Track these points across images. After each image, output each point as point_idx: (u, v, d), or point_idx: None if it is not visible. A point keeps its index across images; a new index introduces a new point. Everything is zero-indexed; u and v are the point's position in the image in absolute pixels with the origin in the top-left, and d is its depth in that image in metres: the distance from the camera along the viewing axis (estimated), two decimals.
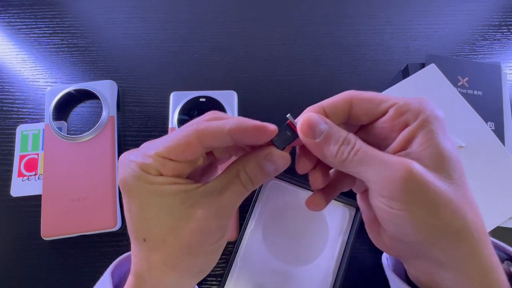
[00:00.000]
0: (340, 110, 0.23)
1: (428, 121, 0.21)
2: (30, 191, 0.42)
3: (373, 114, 0.22)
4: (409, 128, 0.21)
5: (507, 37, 0.49)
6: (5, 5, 0.51)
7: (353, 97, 0.23)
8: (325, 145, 0.22)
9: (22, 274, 0.40)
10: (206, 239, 0.22)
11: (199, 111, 0.42)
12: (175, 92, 0.43)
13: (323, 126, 0.22)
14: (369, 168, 0.21)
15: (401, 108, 0.21)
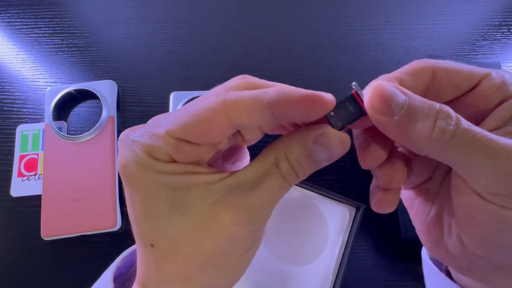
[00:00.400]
0: (420, 82, 0.17)
1: None
2: (30, 191, 0.42)
3: (462, 87, 0.17)
4: (508, 103, 0.16)
5: (507, 37, 0.49)
6: (5, 5, 0.51)
7: (435, 66, 0.17)
8: (410, 123, 0.15)
9: (22, 274, 0.40)
10: (234, 249, 0.17)
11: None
12: (175, 92, 0.43)
13: (401, 97, 0.16)
14: (481, 157, 0.15)
15: (496, 79, 0.17)
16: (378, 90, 0.16)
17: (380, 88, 0.16)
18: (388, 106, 0.16)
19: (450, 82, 0.17)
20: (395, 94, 0.16)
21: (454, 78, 0.17)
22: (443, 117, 0.15)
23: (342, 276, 0.37)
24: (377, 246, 0.40)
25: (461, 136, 0.15)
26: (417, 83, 0.17)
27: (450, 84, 0.17)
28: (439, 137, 0.15)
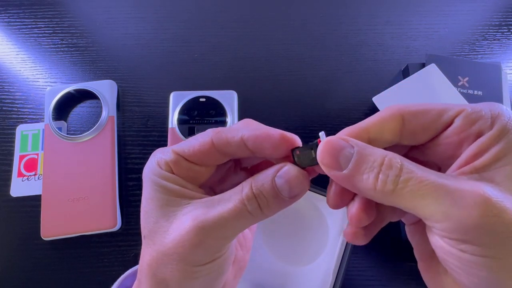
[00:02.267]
0: (389, 130, 0.18)
1: (508, 129, 0.16)
2: (30, 191, 0.42)
3: (434, 128, 0.17)
4: (482, 139, 0.16)
5: (507, 37, 0.49)
6: (5, 5, 0.51)
7: (403, 111, 0.17)
8: (357, 176, 0.16)
9: (22, 274, 0.40)
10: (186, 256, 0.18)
11: (199, 111, 0.42)
12: (175, 92, 0.43)
13: (349, 150, 0.17)
14: (428, 204, 0.15)
15: (472, 115, 0.16)
16: (326, 145, 0.17)
17: (328, 144, 0.17)
18: (336, 161, 0.17)
19: (420, 125, 0.17)
20: (343, 147, 0.17)
21: (422, 121, 0.17)
22: (385, 169, 0.16)
23: (342, 276, 0.37)
24: (377, 246, 0.40)
25: (403, 186, 0.15)
26: (384, 133, 0.18)
27: (422, 127, 0.17)
28: (382, 188, 0.16)
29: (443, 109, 0.17)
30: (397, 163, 0.16)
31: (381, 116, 0.18)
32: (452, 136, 0.17)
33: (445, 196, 0.15)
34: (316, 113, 0.45)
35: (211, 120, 0.41)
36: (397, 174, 0.15)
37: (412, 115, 0.17)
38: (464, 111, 0.17)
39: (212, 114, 0.41)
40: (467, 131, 0.16)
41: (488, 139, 0.16)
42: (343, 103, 0.46)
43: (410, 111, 0.17)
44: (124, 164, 0.43)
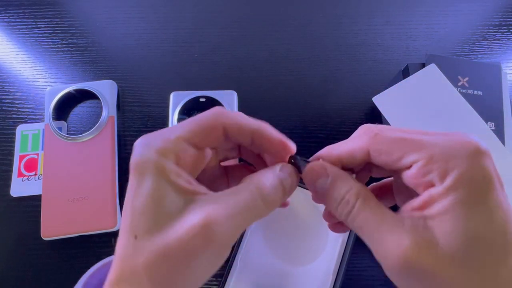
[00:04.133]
0: (358, 160, 0.20)
1: (457, 185, 0.16)
2: (30, 191, 0.42)
3: (394, 168, 0.19)
4: (430, 191, 0.17)
5: (507, 37, 0.49)
6: (5, 5, 0.51)
7: (370, 146, 0.20)
8: (325, 199, 0.20)
9: (22, 274, 0.40)
10: (201, 255, 0.17)
11: (199, 111, 0.42)
12: (175, 92, 0.43)
13: (325, 180, 0.20)
14: (368, 241, 0.18)
15: (425, 167, 0.17)
16: (309, 169, 0.21)
17: (310, 169, 0.21)
18: (314, 184, 0.21)
19: (382, 163, 0.19)
20: (320, 176, 0.20)
21: (385, 160, 0.19)
22: (343, 204, 0.19)
23: (342, 276, 0.37)
24: None
25: (352, 220, 0.19)
26: (354, 162, 0.21)
27: (383, 164, 0.20)
28: (339, 216, 0.20)
29: (405, 152, 0.18)
30: (352, 202, 0.19)
31: (352, 147, 0.21)
32: (410, 179, 0.19)
33: (376, 239, 0.18)
34: (316, 113, 0.45)
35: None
36: (349, 210, 0.19)
37: (377, 152, 0.19)
38: (420, 161, 0.18)
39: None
40: (420, 179, 0.18)
41: (436, 192, 0.17)
42: (343, 103, 0.46)
43: (375, 148, 0.19)
44: (124, 164, 0.43)
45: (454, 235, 0.16)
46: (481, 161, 0.17)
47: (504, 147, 0.36)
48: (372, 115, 0.45)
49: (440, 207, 0.17)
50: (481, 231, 0.16)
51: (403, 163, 0.18)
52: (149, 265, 0.17)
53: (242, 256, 0.38)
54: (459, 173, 0.16)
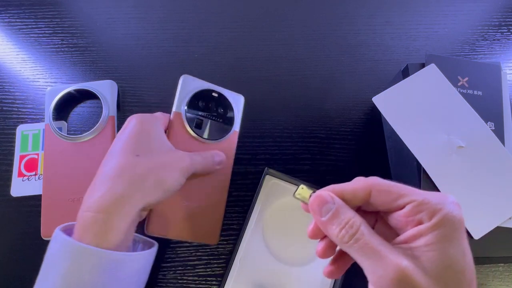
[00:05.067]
0: (359, 197, 0.24)
1: (441, 224, 0.21)
2: (30, 191, 0.42)
3: (390, 207, 0.23)
4: (420, 227, 0.21)
5: (507, 37, 0.49)
6: (5, 5, 0.51)
7: (372, 186, 0.23)
8: (329, 224, 0.23)
9: (22, 274, 0.40)
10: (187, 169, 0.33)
11: (210, 105, 0.39)
12: (186, 76, 0.39)
13: (331, 205, 0.23)
14: (366, 260, 0.21)
15: (418, 207, 0.22)
16: (317, 196, 0.24)
17: (318, 196, 0.24)
18: (320, 209, 0.24)
19: (380, 201, 0.23)
20: (327, 202, 0.23)
21: (384, 199, 0.23)
22: (347, 226, 0.22)
23: (342, 276, 0.37)
24: None
25: (354, 242, 0.22)
26: (355, 199, 0.24)
27: (381, 203, 0.23)
28: (342, 238, 0.22)
29: (401, 194, 0.22)
30: (356, 226, 0.22)
31: (356, 185, 0.24)
32: (401, 217, 0.23)
33: (377, 258, 0.21)
34: (316, 113, 0.45)
35: (218, 119, 0.39)
36: (353, 233, 0.22)
37: (377, 192, 0.23)
38: (414, 202, 0.22)
39: (221, 112, 0.40)
40: (412, 217, 0.22)
41: (424, 227, 0.21)
42: (343, 103, 0.46)
43: (377, 188, 0.23)
44: None
45: (438, 263, 0.20)
46: (458, 208, 0.22)
47: (504, 147, 0.36)
48: (372, 115, 0.45)
49: (427, 240, 0.21)
50: (457, 261, 0.21)
51: (399, 203, 0.22)
52: (151, 169, 0.30)
53: (242, 256, 0.38)
54: (443, 214, 0.21)
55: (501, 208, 0.34)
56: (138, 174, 0.29)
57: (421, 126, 0.36)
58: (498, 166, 0.35)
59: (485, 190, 0.34)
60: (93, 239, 0.27)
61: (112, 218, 0.28)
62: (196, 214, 0.37)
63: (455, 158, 0.35)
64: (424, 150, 0.35)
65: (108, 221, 0.27)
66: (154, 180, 0.29)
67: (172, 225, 0.36)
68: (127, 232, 0.28)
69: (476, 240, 0.33)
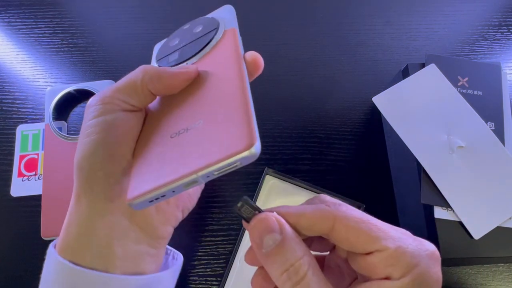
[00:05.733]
0: (317, 229, 0.19)
1: (412, 285, 0.17)
2: (30, 191, 0.42)
3: (355, 249, 0.19)
4: (386, 283, 0.18)
5: (507, 37, 0.49)
6: (5, 5, 0.51)
7: (337, 219, 0.19)
8: (270, 261, 0.18)
9: (22, 274, 0.40)
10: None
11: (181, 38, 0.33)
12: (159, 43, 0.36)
13: (276, 236, 0.18)
14: None
15: (388, 258, 0.18)
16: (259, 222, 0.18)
17: (260, 222, 0.18)
18: (261, 240, 0.18)
19: (346, 240, 0.18)
20: (272, 231, 0.18)
21: (350, 238, 0.18)
22: (292, 271, 0.17)
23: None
24: None
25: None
26: (311, 229, 0.19)
27: (347, 242, 0.18)
28: (282, 284, 0.17)
29: (372, 238, 0.18)
30: (303, 272, 0.17)
31: (316, 214, 0.19)
32: (369, 264, 0.18)
33: None
34: (316, 113, 0.45)
35: (194, 39, 0.30)
36: (297, 280, 0.17)
37: (343, 227, 0.18)
38: (386, 250, 0.18)
39: (197, 32, 0.31)
40: (380, 269, 0.18)
41: (391, 285, 0.17)
42: (343, 103, 0.46)
43: (343, 223, 0.18)
44: None
45: None
46: (436, 264, 0.18)
47: (504, 147, 0.36)
48: (372, 115, 0.45)
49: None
50: None
51: (366, 248, 0.18)
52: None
53: (242, 256, 0.38)
54: (418, 273, 0.17)
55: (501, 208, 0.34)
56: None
57: (421, 126, 0.36)
58: (498, 166, 0.35)
59: (485, 190, 0.34)
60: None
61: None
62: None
63: (455, 158, 0.35)
64: (424, 150, 0.35)
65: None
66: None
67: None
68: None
69: (476, 240, 0.33)
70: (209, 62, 0.26)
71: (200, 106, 0.22)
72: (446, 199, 0.34)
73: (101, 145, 0.21)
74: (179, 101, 0.24)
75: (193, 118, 0.22)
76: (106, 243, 0.21)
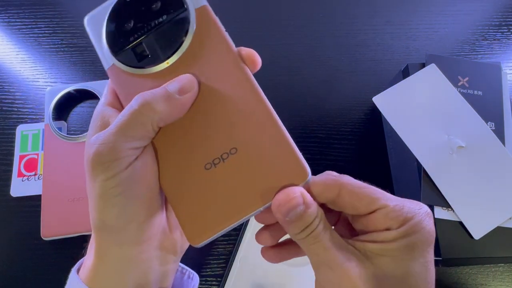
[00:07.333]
0: (326, 195, 0.21)
1: (409, 233, 0.20)
2: (30, 191, 0.42)
3: (359, 211, 0.21)
4: (385, 233, 0.20)
5: (507, 37, 0.49)
6: (5, 5, 0.51)
7: (342, 186, 0.21)
8: (291, 225, 0.20)
9: (22, 274, 0.40)
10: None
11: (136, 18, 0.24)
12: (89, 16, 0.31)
13: (300, 209, 0.19)
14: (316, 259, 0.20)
15: (387, 213, 0.20)
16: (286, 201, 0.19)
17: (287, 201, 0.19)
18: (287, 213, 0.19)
19: (349, 203, 0.21)
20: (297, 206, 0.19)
21: (354, 201, 0.21)
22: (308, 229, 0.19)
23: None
24: None
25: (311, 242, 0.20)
26: (321, 195, 0.21)
27: (350, 205, 0.21)
28: (300, 238, 0.20)
29: (373, 199, 0.20)
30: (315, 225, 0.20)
31: (326, 180, 0.21)
32: (369, 222, 0.21)
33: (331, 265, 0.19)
34: (316, 113, 0.45)
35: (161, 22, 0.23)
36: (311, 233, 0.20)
37: (347, 192, 0.21)
38: (385, 207, 0.20)
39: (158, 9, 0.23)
40: (381, 223, 0.20)
41: (390, 235, 0.20)
42: (343, 103, 0.46)
43: (347, 189, 0.21)
44: None
45: (396, 274, 0.19)
46: (430, 220, 0.20)
47: (504, 147, 0.36)
48: (372, 115, 0.45)
49: (390, 248, 0.19)
50: (416, 278, 0.19)
51: (368, 208, 0.20)
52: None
53: (242, 256, 0.38)
54: (413, 224, 0.20)
55: (501, 208, 0.34)
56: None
57: (421, 126, 0.36)
58: (499, 166, 0.35)
59: (485, 190, 0.34)
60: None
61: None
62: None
63: (455, 158, 0.35)
64: (424, 150, 0.35)
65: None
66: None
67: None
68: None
69: (476, 240, 0.33)
70: (197, 62, 0.22)
71: (222, 127, 0.21)
72: (446, 199, 0.34)
73: (129, 201, 0.21)
74: (190, 121, 0.21)
75: (222, 143, 0.20)
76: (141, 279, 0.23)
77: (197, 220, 0.20)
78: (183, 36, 0.22)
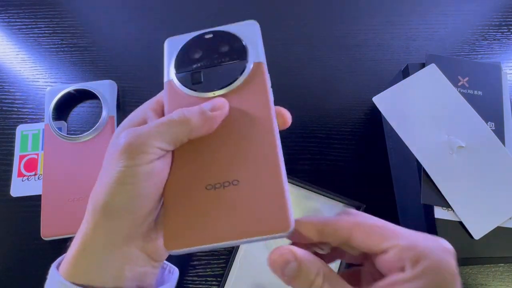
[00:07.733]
0: (339, 236, 0.21)
1: (425, 274, 0.18)
2: (30, 191, 0.42)
3: (372, 250, 0.21)
4: (400, 275, 0.19)
5: (507, 37, 0.49)
6: (5, 5, 0.51)
7: (354, 227, 0.21)
8: (293, 283, 0.20)
9: (22, 274, 0.40)
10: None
11: (203, 53, 0.29)
12: (171, 39, 0.33)
13: (293, 265, 0.20)
14: None
15: (401, 253, 0.19)
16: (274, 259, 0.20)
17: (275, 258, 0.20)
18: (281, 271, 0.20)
19: (362, 244, 0.21)
20: (287, 263, 0.20)
21: (366, 241, 0.20)
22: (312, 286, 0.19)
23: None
24: None
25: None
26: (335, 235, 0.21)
27: (363, 245, 0.21)
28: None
29: (385, 237, 0.20)
30: (319, 283, 0.19)
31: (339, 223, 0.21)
32: (384, 262, 0.20)
33: None
34: (316, 113, 0.45)
35: (221, 61, 0.27)
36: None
37: (359, 233, 0.21)
38: (398, 247, 0.19)
39: (224, 51, 0.28)
40: (395, 263, 0.19)
41: (405, 276, 0.18)
42: (343, 103, 0.46)
43: (359, 229, 0.21)
44: None
45: None
46: (450, 257, 0.19)
47: (504, 147, 0.36)
48: (372, 115, 0.45)
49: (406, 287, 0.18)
50: None
51: (381, 247, 0.20)
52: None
53: (242, 256, 0.38)
54: (430, 263, 0.18)
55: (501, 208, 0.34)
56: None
57: (421, 126, 0.36)
58: (499, 166, 0.35)
59: (485, 190, 0.34)
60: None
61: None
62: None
63: (455, 158, 0.35)
64: (424, 150, 0.35)
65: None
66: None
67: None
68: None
69: (476, 240, 0.33)
70: (237, 101, 0.25)
71: (234, 160, 0.23)
72: (446, 199, 0.34)
73: (136, 194, 0.22)
74: (209, 144, 0.24)
75: (228, 173, 0.23)
76: (117, 272, 0.23)
77: (179, 229, 0.21)
78: (235, 78, 0.26)
